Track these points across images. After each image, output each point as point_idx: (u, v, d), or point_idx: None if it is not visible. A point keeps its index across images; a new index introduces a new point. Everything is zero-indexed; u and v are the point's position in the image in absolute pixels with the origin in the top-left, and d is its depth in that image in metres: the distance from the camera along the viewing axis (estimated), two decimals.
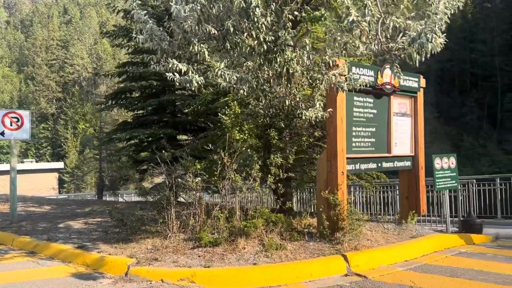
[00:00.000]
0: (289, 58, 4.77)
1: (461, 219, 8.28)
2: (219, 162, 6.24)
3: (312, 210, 8.71)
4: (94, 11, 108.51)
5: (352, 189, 10.89)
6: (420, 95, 7.67)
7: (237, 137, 6.35)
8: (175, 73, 4.64)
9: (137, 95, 13.01)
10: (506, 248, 6.99)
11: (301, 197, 10.26)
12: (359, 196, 11.38)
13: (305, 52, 4.92)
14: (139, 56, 12.34)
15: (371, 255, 5.78)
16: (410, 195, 7.67)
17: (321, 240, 6.19)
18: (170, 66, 4.67)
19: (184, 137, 12.76)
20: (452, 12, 4.09)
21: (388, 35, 3.80)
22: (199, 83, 4.78)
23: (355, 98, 6.62)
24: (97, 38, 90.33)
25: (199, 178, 7.46)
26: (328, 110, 5.57)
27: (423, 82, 7.64)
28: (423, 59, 3.52)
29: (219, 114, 6.63)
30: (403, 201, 7.89)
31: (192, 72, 4.77)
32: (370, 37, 3.78)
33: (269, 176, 6.19)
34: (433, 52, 3.44)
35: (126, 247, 6.19)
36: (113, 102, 13.13)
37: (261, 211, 6.31)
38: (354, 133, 6.64)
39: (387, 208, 10.31)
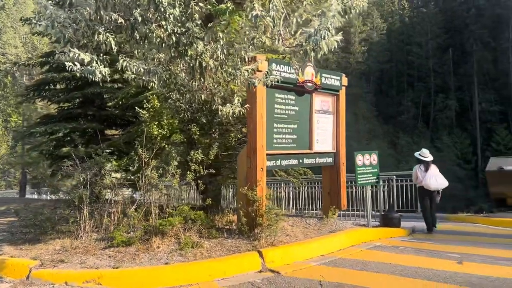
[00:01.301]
0: (201, 52, 4.65)
1: (382, 213, 8.60)
2: (136, 158, 6.01)
3: (236, 207, 8.69)
4: None
5: (283, 185, 10.99)
6: (342, 93, 7.85)
7: (155, 132, 6.14)
8: (76, 63, 4.35)
9: (62, 86, 12.30)
10: (419, 240, 7.34)
11: (229, 194, 10.21)
12: (291, 192, 11.50)
13: (219, 46, 4.82)
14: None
15: (287, 250, 5.81)
16: (332, 191, 7.84)
17: (239, 237, 6.15)
18: (71, 55, 4.38)
19: (115, 131, 12.26)
20: (358, 11, 4.15)
21: (292, 32, 3.78)
22: (105, 74, 4.53)
23: (277, 94, 6.64)
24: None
25: (121, 175, 7.18)
26: (246, 106, 5.51)
27: (345, 80, 7.82)
28: (319, 56, 3.54)
29: (136, 108, 6.38)
30: (325, 197, 8.06)
31: (97, 63, 4.51)
32: (274, 32, 3.74)
33: (188, 172, 6.04)
34: (328, 49, 3.46)
35: (32, 248, 5.80)
36: (35, 94, 12.30)
37: (180, 209, 6.15)
38: (275, 130, 6.65)
39: (315, 203, 10.52)
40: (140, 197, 6.56)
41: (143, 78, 4.67)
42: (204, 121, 6.65)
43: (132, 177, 6.53)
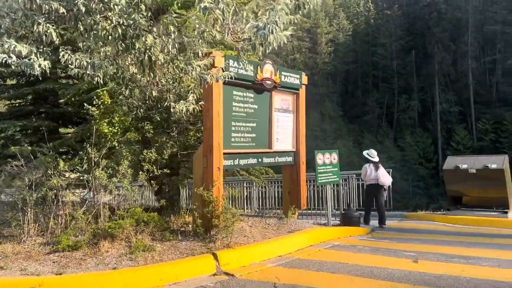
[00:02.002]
0: (150, 45, 4.42)
1: (341, 212, 8.60)
2: (85, 157, 5.70)
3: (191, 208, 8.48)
4: None
5: (245, 184, 10.82)
6: (302, 91, 7.78)
7: (106, 131, 5.84)
8: (12, 55, 4.03)
9: (13, 82, 11.64)
10: (377, 239, 7.36)
11: (188, 195, 9.97)
12: (253, 192, 11.35)
13: (170, 40, 4.60)
14: None
15: (244, 252, 5.66)
16: (292, 190, 7.76)
17: (195, 239, 5.95)
18: (6, 47, 4.05)
19: (70, 130, 11.72)
20: (312, 6, 4.03)
21: (243, 25, 3.62)
22: (45, 68, 4.22)
23: (235, 92, 6.47)
24: None
25: (75, 175, 6.83)
26: (201, 103, 5.31)
27: (305, 79, 7.75)
28: (268, 51, 3.40)
29: (85, 104, 6.06)
30: (285, 196, 7.97)
31: (36, 55, 4.20)
32: (224, 25, 3.57)
33: (140, 173, 5.78)
34: (277, 44, 3.33)
35: None
36: None
37: (132, 211, 5.88)
38: (233, 128, 6.49)
39: (276, 202, 10.43)
40: (91, 198, 6.25)
41: (88, 72, 4.38)
42: (159, 118, 6.39)
43: (85, 178, 6.21)
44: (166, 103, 4.94)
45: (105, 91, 6.01)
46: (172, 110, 4.91)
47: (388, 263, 5.40)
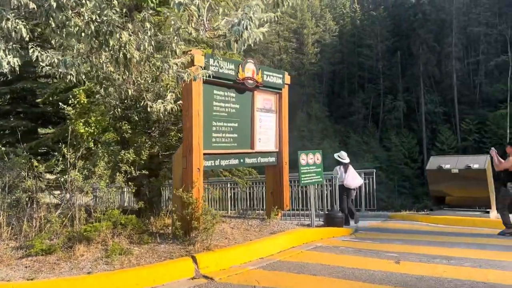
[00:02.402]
0: (125, 42, 4.28)
1: (325, 213, 8.54)
2: (60, 159, 5.52)
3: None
4: None
5: (229, 185, 10.69)
6: (285, 91, 7.70)
7: (82, 131, 5.68)
8: None
9: None
10: (360, 240, 7.32)
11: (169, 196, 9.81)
12: (238, 192, 11.23)
13: (146, 37, 4.47)
14: None
15: (224, 254, 5.54)
16: (275, 191, 7.67)
17: (174, 241, 5.82)
18: None
19: (51, 130, 11.47)
20: (291, 4, 3.95)
21: (218, 22, 3.51)
22: (14, 65, 4.06)
23: (215, 91, 6.35)
24: None
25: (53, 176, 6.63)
26: (179, 102, 5.19)
27: (287, 78, 7.67)
28: (243, 47, 3.30)
29: (60, 104, 5.88)
30: (268, 197, 7.88)
31: (4, 52, 4.04)
32: (199, 22, 3.46)
33: (117, 174, 5.62)
34: (253, 41, 3.23)
35: None
36: None
37: (110, 213, 5.72)
38: (214, 128, 6.37)
39: (260, 203, 10.33)
40: (67, 201, 6.06)
41: (60, 70, 4.23)
42: (137, 118, 6.23)
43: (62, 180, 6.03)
44: (143, 102, 4.78)
45: (81, 90, 5.84)
46: (149, 109, 4.76)
47: (370, 265, 5.34)
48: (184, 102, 5.81)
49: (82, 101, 5.73)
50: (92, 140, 5.77)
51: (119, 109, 6.00)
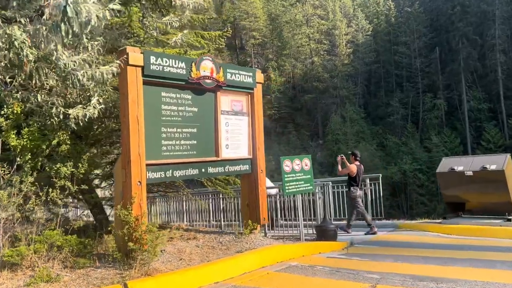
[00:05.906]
0: (14, 38, 3.69)
1: (316, 225, 7.60)
2: None
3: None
4: None
5: (210, 196, 9.79)
6: (258, 91, 6.88)
7: (13, 143, 5.16)
8: None
9: None
10: (348, 256, 6.35)
11: None
12: (221, 204, 10.25)
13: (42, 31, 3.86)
14: None
15: (166, 280, 4.80)
16: (251, 202, 6.86)
17: (113, 265, 5.14)
18: None
19: None
20: None
21: None
22: None
23: (164, 93, 5.66)
24: None
25: None
26: (99, 107, 4.53)
27: (260, 77, 6.85)
28: (77, 30, 2.58)
29: None
30: (244, 209, 7.06)
31: None
32: None
33: (50, 190, 5.04)
34: (88, 20, 2.50)
35: None
36: None
37: (47, 234, 5.15)
38: (164, 135, 5.66)
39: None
40: None
41: None
42: (75, 128, 5.60)
43: None
44: (55, 108, 4.16)
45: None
46: (61, 116, 4.12)
47: None
48: (121, 107, 5.17)
49: (15, 110, 5.21)
50: (29, 154, 5.21)
51: (56, 118, 5.43)
